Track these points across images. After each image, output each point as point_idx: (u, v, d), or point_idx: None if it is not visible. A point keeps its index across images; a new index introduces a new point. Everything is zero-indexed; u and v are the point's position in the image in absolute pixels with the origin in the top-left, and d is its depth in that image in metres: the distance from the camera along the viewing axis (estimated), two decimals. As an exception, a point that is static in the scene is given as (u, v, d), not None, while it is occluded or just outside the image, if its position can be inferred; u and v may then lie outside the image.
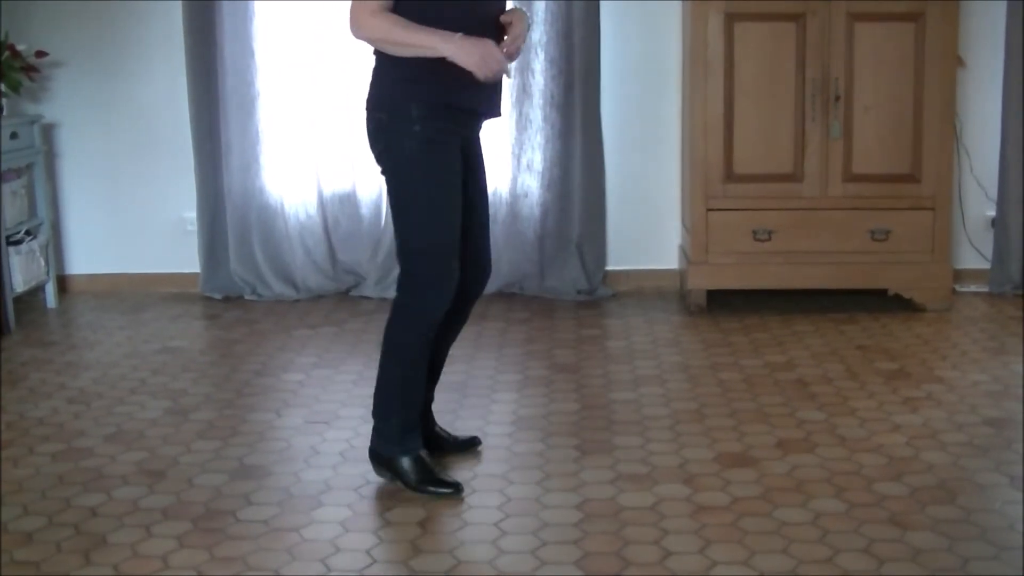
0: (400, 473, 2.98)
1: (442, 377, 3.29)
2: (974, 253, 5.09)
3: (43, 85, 5.17)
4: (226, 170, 5.10)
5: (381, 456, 3.01)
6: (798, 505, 2.84)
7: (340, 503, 2.91)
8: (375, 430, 3.03)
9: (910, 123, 4.59)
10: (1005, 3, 4.86)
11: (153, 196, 5.28)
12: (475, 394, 3.15)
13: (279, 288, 5.18)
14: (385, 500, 2.92)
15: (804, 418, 3.47)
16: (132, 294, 5.29)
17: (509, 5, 2.96)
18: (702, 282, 4.74)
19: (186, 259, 5.28)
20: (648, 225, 5.22)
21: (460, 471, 3.09)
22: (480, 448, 3.24)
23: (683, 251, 4.98)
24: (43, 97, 5.21)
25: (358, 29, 2.79)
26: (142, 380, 3.99)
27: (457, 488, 2.96)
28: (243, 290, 5.20)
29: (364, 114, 2.91)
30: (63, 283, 5.32)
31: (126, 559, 2.61)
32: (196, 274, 5.26)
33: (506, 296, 5.11)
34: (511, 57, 2.85)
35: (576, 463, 3.14)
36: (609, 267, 5.21)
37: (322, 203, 5.16)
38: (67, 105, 5.22)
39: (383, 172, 2.94)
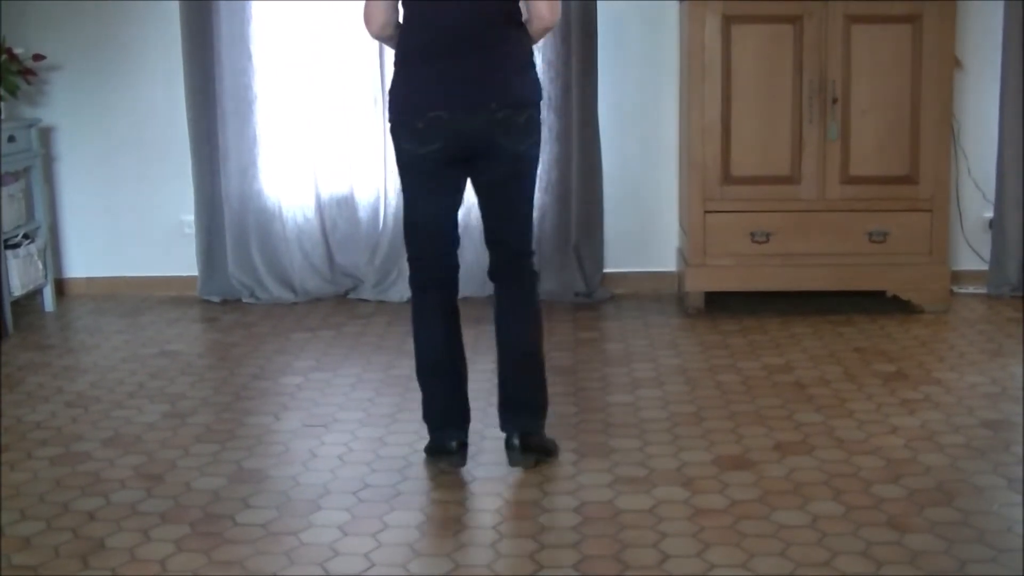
0: (553, 450, 3.18)
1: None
2: (972, 255, 5.09)
3: (40, 88, 5.17)
4: (224, 173, 5.09)
5: (550, 441, 3.17)
6: (796, 508, 2.84)
7: (338, 507, 2.91)
8: (539, 417, 3.13)
9: (908, 125, 4.59)
10: (1003, 4, 4.86)
11: (151, 199, 5.27)
12: (472, 396, 3.14)
13: (277, 291, 5.17)
14: (384, 504, 2.92)
15: (802, 420, 3.47)
16: (130, 297, 5.29)
17: None
18: (700, 284, 4.74)
19: (184, 262, 5.27)
20: (646, 227, 5.21)
21: (458, 474, 3.09)
22: (478, 451, 3.24)
23: (681, 253, 4.98)
24: (40, 100, 5.21)
25: (554, 20, 3.00)
26: (140, 384, 3.99)
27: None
28: (241, 293, 5.20)
29: (505, 111, 2.93)
30: (61, 287, 5.32)
31: (124, 563, 2.61)
32: (194, 277, 5.25)
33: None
34: None
35: (574, 466, 3.13)
36: (607, 269, 5.20)
37: (320, 206, 5.16)
38: (64, 108, 5.22)
39: (527, 163, 3.05)
